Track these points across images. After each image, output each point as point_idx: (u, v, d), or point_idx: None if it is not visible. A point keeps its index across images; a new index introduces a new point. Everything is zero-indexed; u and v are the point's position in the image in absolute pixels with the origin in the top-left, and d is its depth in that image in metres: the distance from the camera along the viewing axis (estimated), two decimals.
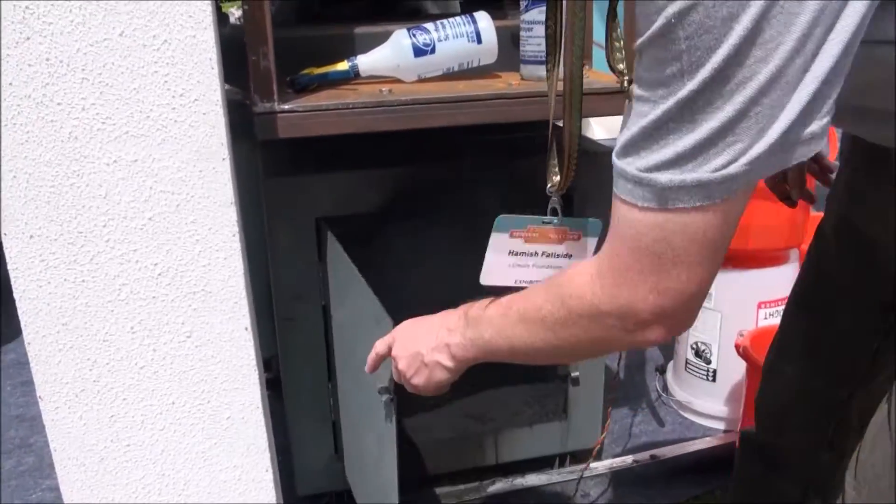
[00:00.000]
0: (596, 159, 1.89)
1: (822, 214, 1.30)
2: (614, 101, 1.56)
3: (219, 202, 1.22)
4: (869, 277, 1.15)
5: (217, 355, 1.29)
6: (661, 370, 2.64)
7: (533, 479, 2.12)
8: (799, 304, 1.31)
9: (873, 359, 1.17)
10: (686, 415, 2.42)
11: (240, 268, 1.24)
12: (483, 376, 2.29)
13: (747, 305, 2.22)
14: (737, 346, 2.03)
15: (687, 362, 2.37)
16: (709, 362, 2.30)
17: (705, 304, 2.20)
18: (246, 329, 1.32)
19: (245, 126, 1.47)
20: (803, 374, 1.26)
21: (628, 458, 2.20)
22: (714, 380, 2.31)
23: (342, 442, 1.92)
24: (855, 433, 1.26)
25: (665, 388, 2.55)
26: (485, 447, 2.05)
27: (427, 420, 2.12)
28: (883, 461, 0.89)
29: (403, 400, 2.20)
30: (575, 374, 2.02)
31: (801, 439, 1.30)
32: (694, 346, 2.33)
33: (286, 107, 1.41)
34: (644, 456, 2.20)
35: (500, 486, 2.09)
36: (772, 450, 1.34)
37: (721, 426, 2.34)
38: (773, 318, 2.22)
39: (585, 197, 1.87)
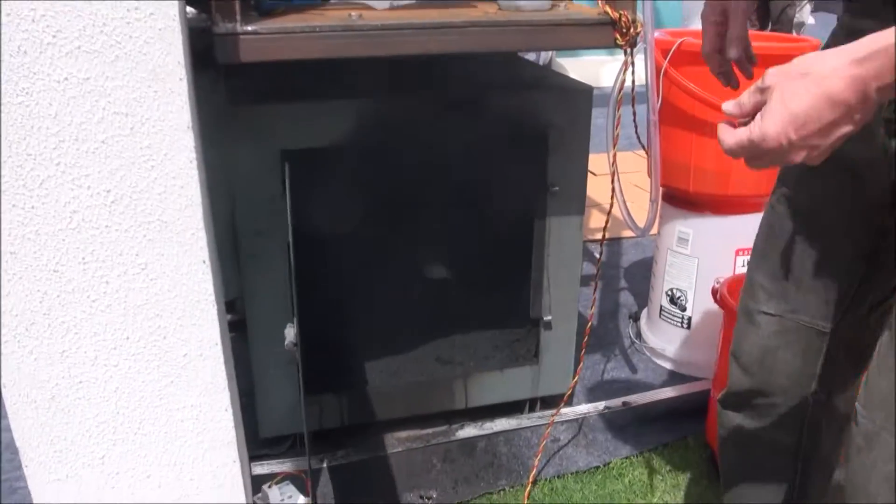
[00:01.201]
0: (575, 97, 1.86)
1: None
2: (593, 32, 1.53)
3: (175, 126, 1.17)
4: (854, 200, 1.14)
5: (173, 289, 1.26)
6: (635, 317, 2.66)
7: (502, 424, 2.13)
8: (772, 239, 1.29)
9: (858, 288, 1.16)
10: (659, 362, 2.44)
11: (197, 197, 1.21)
12: (453, 320, 2.29)
13: (725, 252, 2.22)
14: (713, 292, 2.03)
15: (661, 309, 2.38)
16: (684, 309, 2.31)
17: (680, 249, 2.21)
18: (204, 262, 1.28)
19: (210, 53, 1.42)
20: (783, 312, 1.26)
21: (600, 405, 2.21)
22: (688, 327, 2.32)
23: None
24: (842, 367, 1.27)
25: (638, 334, 2.56)
26: (454, 391, 2.06)
27: (396, 363, 2.11)
28: (892, 387, 0.88)
29: (370, 342, 2.20)
30: (547, 318, 2.02)
31: (787, 382, 1.29)
32: (669, 292, 2.34)
33: (249, 28, 1.36)
34: (616, 402, 2.22)
35: (469, 430, 2.10)
36: (757, 399, 1.34)
37: (695, 373, 2.36)
38: None
39: (562, 132, 1.85)
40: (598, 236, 3.40)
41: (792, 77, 0.84)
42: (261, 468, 1.96)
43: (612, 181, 1.75)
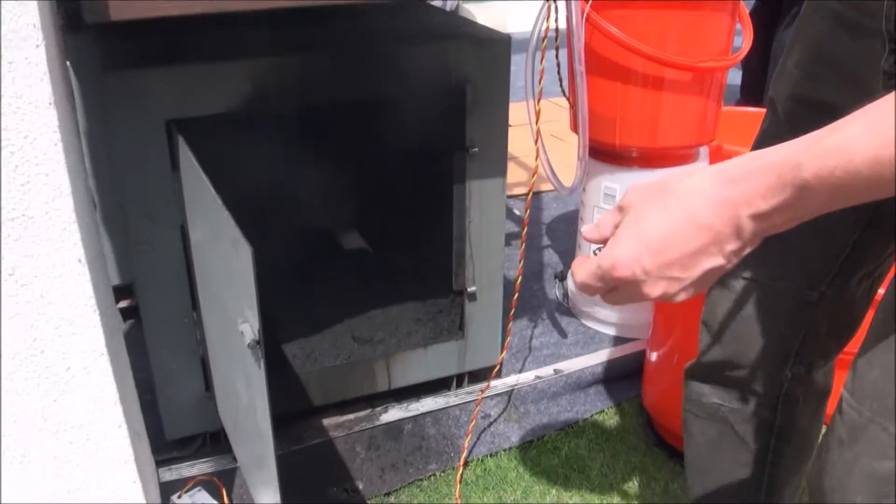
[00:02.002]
0: (493, 48, 1.76)
1: (737, 109, 1.21)
2: None
3: (34, 103, 1.02)
4: None
5: (47, 294, 1.12)
6: (561, 276, 2.61)
7: (429, 403, 2.05)
8: None
9: (849, 254, 1.10)
10: (590, 324, 2.40)
11: (66, 185, 1.06)
12: (369, 294, 2.18)
13: None
14: None
15: None
16: None
17: (607, 206, 2.15)
18: (80, 261, 1.14)
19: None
20: (764, 278, 1.18)
21: (530, 374, 2.16)
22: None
23: (212, 378, 1.78)
24: (824, 340, 1.20)
25: (566, 296, 2.52)
26: (375, 372, 1.96)
27: (310, 346, 2.00)
28: (886, 375, 0.81)
29: (280, 323, 2.07)
30: (472, 289, 1.94)
31: (764, 354, 1.22)
32: (596, 252, 2.28)
33: None
34: (547, 371, 2.18)
35: (393, 412, 2.02)
36: (730, 371, 1.27)
37: (626, 334, 2.33)
38: None
39: (480, 88, 1.75)
40: (518, 191, 3.36)
41: (651, 195, 0.74)
42: (169, 474, 1.83)
43: (536, 140, 1.66)
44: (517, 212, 3.17)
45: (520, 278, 1.82)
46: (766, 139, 1.18)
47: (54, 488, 1.27)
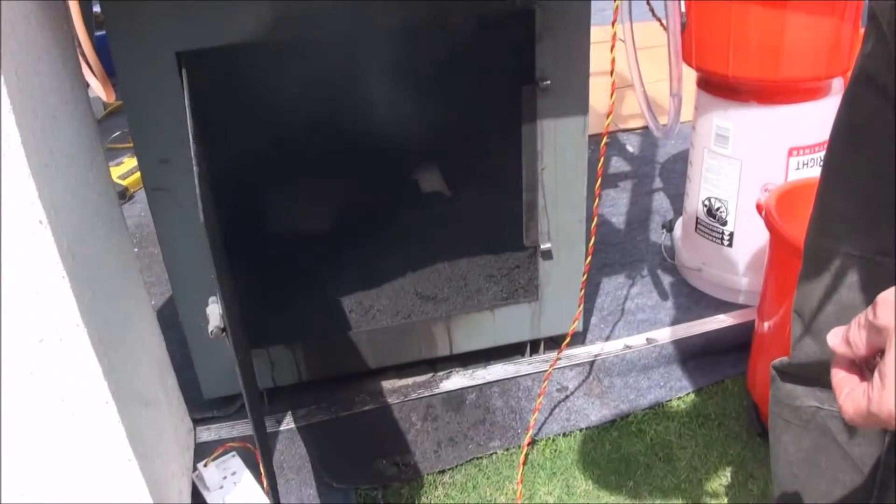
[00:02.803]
0: None
1: None
2: None
3: None
4: None
5: (8, 262, 1.01)
6: (669, 226, 2.35)
7: (498, 371, 1.89)
8: (857, 145, 0.96)
9: None
10: (697, 285, 2.15)
11: (14, 136, 0.95)
12: (438, 245, 2.01)
13: (775, 152, 1.88)
14: (758, 207, 1.71)
15: (698, 222, 2.07)
16: (724, 223, 2.00)
17: (719, 149, 1.88)
18: (41, 223, 1.03)
19: None
20: (871, 252, 0.95)
21: (618, 342, 1.95)
22: (730, 244, 2.01)
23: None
24: None
25: (672, 252, 2.26)
26: (435, 335, 1.81)
27: (369, 300, 1.87)
28: None
29: (332, 277, 1.94)
30: (546, 245, 1.73)
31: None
32: (706, 202, 2.02)
33: None
34: (639, 339, 1.96)
35: (456, 380, 1.87)
36: (825, 373, 1.05)
37: (737, 299, 2.07)
38: (807, 170, 1.89)
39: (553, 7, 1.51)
40: (634, 124, 3.05)
41: None
42: (207, 433, 1.76)
43: (612, 71, 1.40)
44: (630, 148, 2.90)
45: (593, 239, 1.59)
46: (872, 61, 0.93)
47: (40, 467, 1.19)
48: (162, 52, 1.36)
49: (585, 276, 1.66)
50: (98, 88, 1.40)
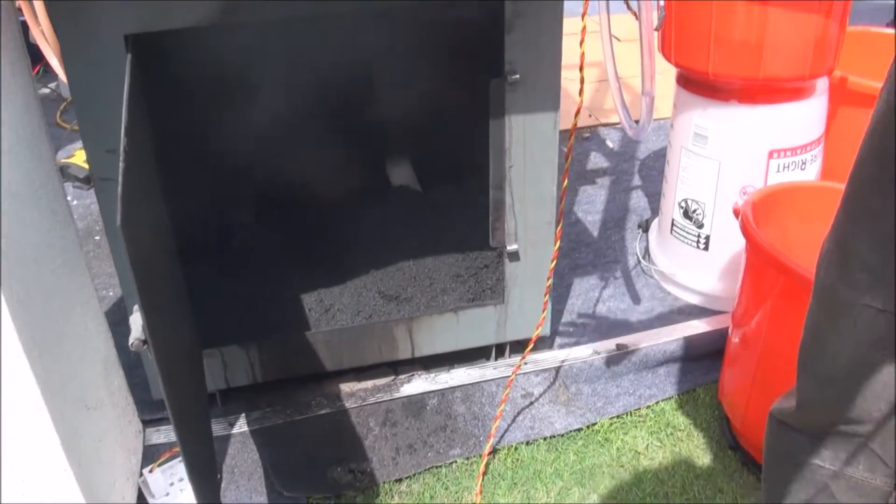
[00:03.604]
0: None
1: (868, 30, 0.90)
2: None
3: None
4: None
5: None
6: (645, 227, 2.32)
7: (461, 375, 1.85)
8: (886, 177, 0.89)
9: None
10: (670, 289, 2.12)
11: None
12: (404, 242, 1.98)
13: (755, 154, 1.86)
14: (735, 212, 1.69)
15: (673, 224, 2.05)
16: (700, 226, 1.97)
17: (697, 149, 1.86)
18: None
19: None
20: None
21: (587, 348, 1.92)
22: (706, 248, 1.99)
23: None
24: None
25: (647, 253, 2.24)
26: (396, 337, 1.77)
27: (330, 298, 1.83)
28: None
29: (300, 269, 1.90)
30: (513, 247, 1.70)
31: (887, 409, 0.97)
32: (683, 203, 1.99)
33: None
34: (608, 345, 1.93)
35: (417, 384, 1.83)
36: (839, 426, 1.03)
37: (710, 306, 2.04)
38: (788, 173, 1.87)
39: None
40: (610, 119, 3.00)
41: None
42: (157, 435, 1.71)
43: (581, 66, 1.37)
44: (610, 143, 2.87)
45: (558, 244, 1.55)
46: None
47: None
48: (109, 34, 1.31)
49: (550, 280, 1.63)
50: (61, 71, 1.36)
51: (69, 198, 2.65)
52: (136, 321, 1.03)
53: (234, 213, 1.97)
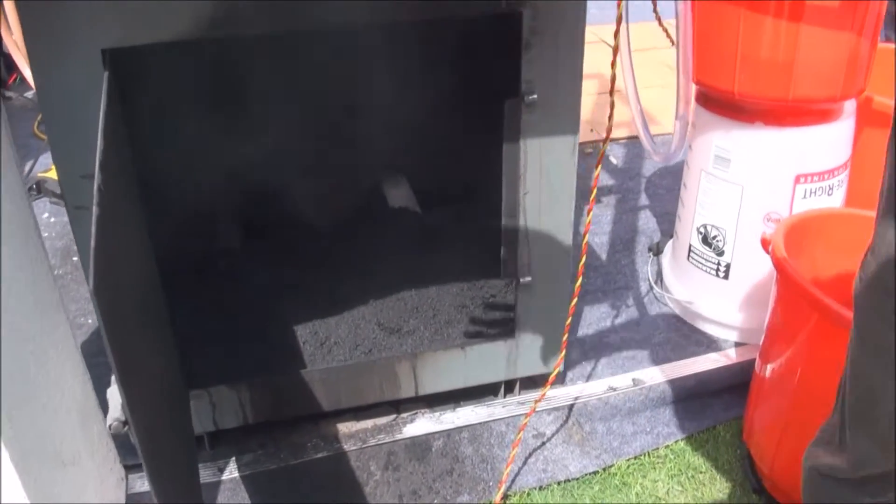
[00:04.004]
0: None
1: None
2: None
3: None
4: None
5: None
6: (656, 250, 2.21)
7: (468, 415, 1.73)
8: None
9: None
10: (685, 317, 2.01)
11: None
12: (405, 269, 1.85)
13: (780, 179, 1.74)
14: (764, 243, 1.57)
15: (691, 250, 1.93)
16: (721, 253, 1.86)
17: (718, 172, 1.75)
18: None
19: None
20: None
21: (601, 383, 1.80)
22: (726, 276, 1.87)
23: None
24: None
25: (660, 279, 2.12)
26: (398, 375, 1.64)
27: (325, 330, 1.70)
28: None
29: (292, 299, 1.78)
30: (526, 279, 1.57)
31: None
32: (702, 229, 1.87)
33: None
34: (624, 380, 1.81)
35: (422, 424, 1.70)
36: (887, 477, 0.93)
37: (731, 336, 1.93)
38: (814, 199, 1.76)
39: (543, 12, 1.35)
40: (618, 133, 2.88)
41: None
42: (142, 483, 1.57)
43: (611, 90, 1.25)
44: (613, 160, 2.75)
45: (580, 280, 1.43)
46: None
47: None
48: (85, 48, 1.17)
49: (569, 319, 1.51)
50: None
51: (45, 215, 2.53)
52: (114, 397, 0.89)
53: (221, 240, 1.84)
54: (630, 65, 1.67)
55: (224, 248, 1.82)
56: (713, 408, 1.84)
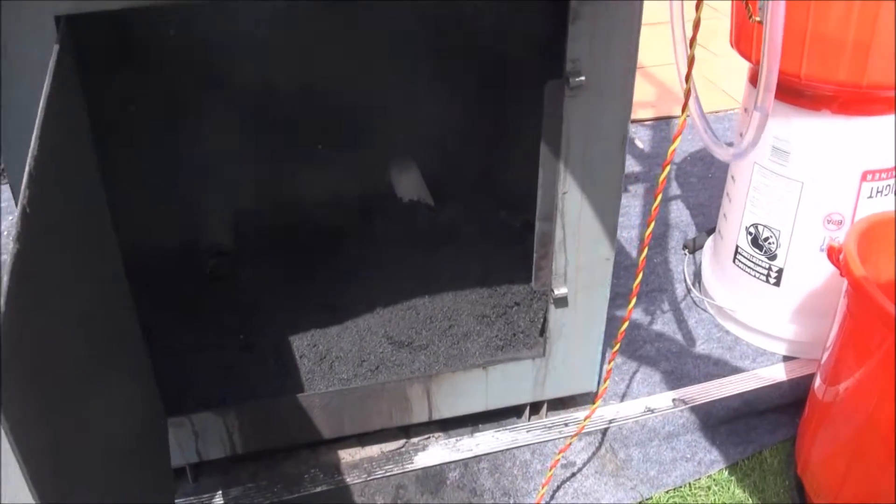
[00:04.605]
0: None
1: None
2: None
3: None
4: None
5: None
6: (692, 248, 1.99)
7: (488, 441, 1.51)
8: None
9: None
10: (727, 326, 1.79)
11: None
12: (416, 274, 1.63)
13: (846, 175, 1.52)
14: (831, 252, 1.36)
15: (738, 252, 1.71)
16: (773, 257, 1.64)
17: (775, 166, 1.54)
18: None
19: None
20: None
21: (638, 404, 1.59)
22: (777, 283, 1.65)
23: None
24: None
25: (697, 280, 1.90)
26: (410, 398, 1.42)
27: (325, 343, 1.48)
28: None
29: (285, 308, 1.56)
30: (561, 291, 1.35)
31: None
32: (752, 229, 1.65)
33: None
34: (663, 400, 1.59)
35: (435, 451, 1.49)
36: None
37: (779, 349, 1.72)
38: (880, 199, 1.54)
39: None
40: (639, 115, 2.66)
41: None
42: None
43: (688, 78, 1.03)
44: (639, 144, 2.52)
45: (633, 301, 1.21)
46: None
47: None
48: (35, 13, 0.94)
49: (617, 347, 1.29)
50: None
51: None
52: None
53: (206, 241, 1.61)
54: (684, 40, 1.44)
55: (209, 250, 1.59)
56: (758, 430, 1.63)
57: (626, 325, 1.24)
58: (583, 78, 1.17)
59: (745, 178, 1.64)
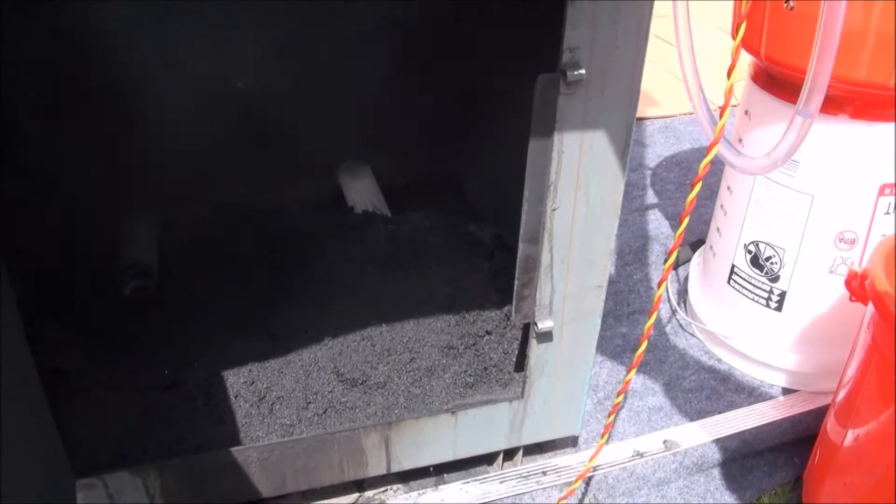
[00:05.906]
0: None
1: None
2: None
3: None
4: None
5: None
6: (675, 263, 1.79)
7: (455, 494, 1.29)
8: None
9: None
10: (719, 353, 1.61)
11: None
12: (371, 296, 1.40)
13: (861, 188, 1.34)
14: (851, 278, 1.17)
15: (734, 271, 1.52)
16: (775, 279, 1.45)
17: (782, 177, 1.36)
18: None
19: None
20: None
21: (625, 447, 1.39)
22: (779, 307, 1.47)
23: None
24: None
25: (682, 301, 1.71)
26: (365, 449, 1.20)
27: (264, 380, 1.25)
28: None
29: (221, 332, 1.33)
30: (546, 325, 1.14)
31: None
32: (752, 247, 1.46)
33: None
34: (653, 442, 1.40)
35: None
36: None
37: (778, 381, 1.54)
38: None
39: None
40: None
41: None
42: None
43: (731, 68, 0.82)
44: None
45: (645, 343, 1.00)
46: None
47: None
48: None
49: (622, 397, 1.09)
50: None
51: None
52: None
53: (124, 259, 1.36)
54: (689, 38, 1.24)
55: (127, 270, 1.35)
56: (755, 472, 1.45)
57: (632, 373, 1.03)
58: (583, 71, 0.96)
59: (744, 190, 1.45)
